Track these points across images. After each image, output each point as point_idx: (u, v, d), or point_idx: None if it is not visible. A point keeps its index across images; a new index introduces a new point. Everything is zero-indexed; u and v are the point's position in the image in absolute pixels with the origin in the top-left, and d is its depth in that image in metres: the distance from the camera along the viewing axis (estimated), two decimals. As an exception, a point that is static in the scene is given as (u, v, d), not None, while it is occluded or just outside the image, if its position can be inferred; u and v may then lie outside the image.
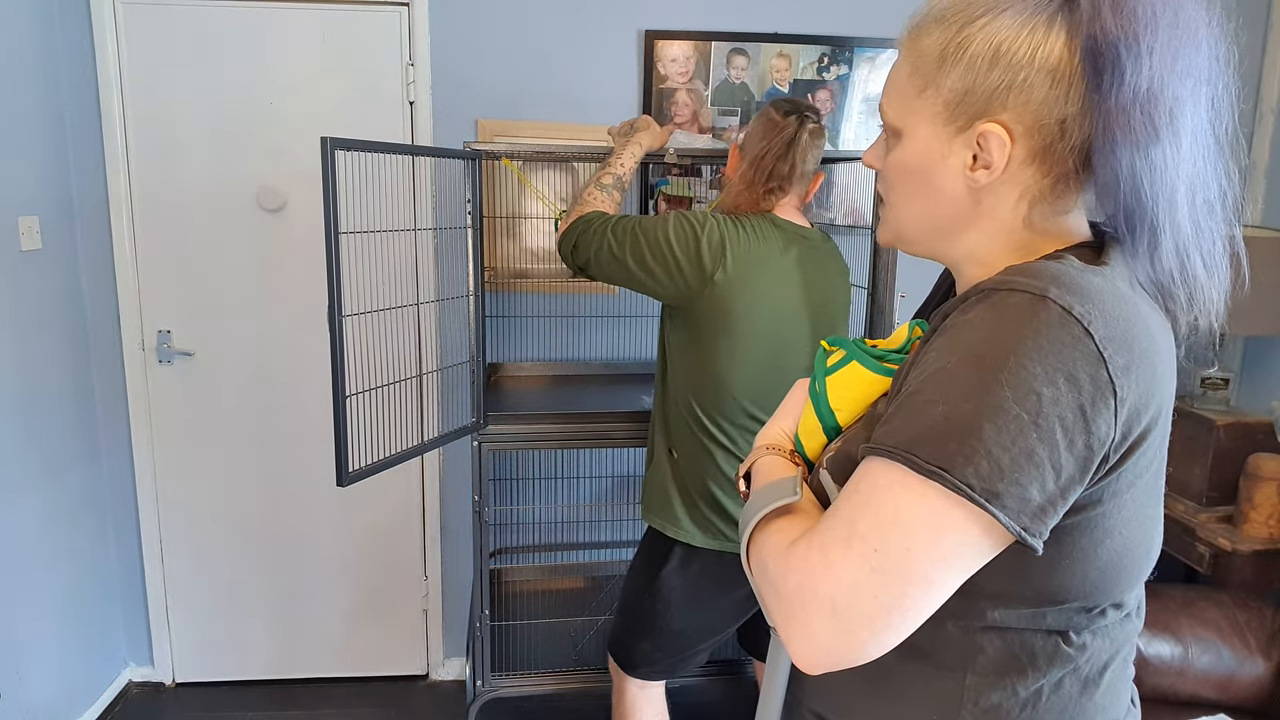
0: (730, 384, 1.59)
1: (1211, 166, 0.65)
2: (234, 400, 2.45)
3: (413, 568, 2.62)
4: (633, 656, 1.76)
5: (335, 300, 1.58)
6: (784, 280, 1.59)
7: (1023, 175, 0.67)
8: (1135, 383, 0.59)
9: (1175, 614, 1.95)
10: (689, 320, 1.61)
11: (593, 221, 1.64)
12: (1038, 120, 0.64)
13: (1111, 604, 0.69)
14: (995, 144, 0.65)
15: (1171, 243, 0.65)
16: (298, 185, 2.36)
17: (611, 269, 1.61)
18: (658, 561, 1.71)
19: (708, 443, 1.63)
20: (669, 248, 1.55)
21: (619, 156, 1.78)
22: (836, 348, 0.80)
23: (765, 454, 0.82)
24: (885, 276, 1.97)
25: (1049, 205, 0.68)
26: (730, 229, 1.57)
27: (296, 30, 2.28)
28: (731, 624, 1.75)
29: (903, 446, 0.60)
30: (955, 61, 0.66)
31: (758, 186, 1.63)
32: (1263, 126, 2.41)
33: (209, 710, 2.50)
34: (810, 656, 0.61)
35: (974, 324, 0.61)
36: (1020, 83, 0.63)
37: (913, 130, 0.70)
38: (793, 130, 1.61)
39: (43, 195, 2.16)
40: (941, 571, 0.59)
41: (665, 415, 1.71)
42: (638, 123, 1.85)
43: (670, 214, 1.60)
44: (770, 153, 1.62)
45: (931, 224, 0.72)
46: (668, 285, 1.57)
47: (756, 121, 1.67)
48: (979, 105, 0.65)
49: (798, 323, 1.62)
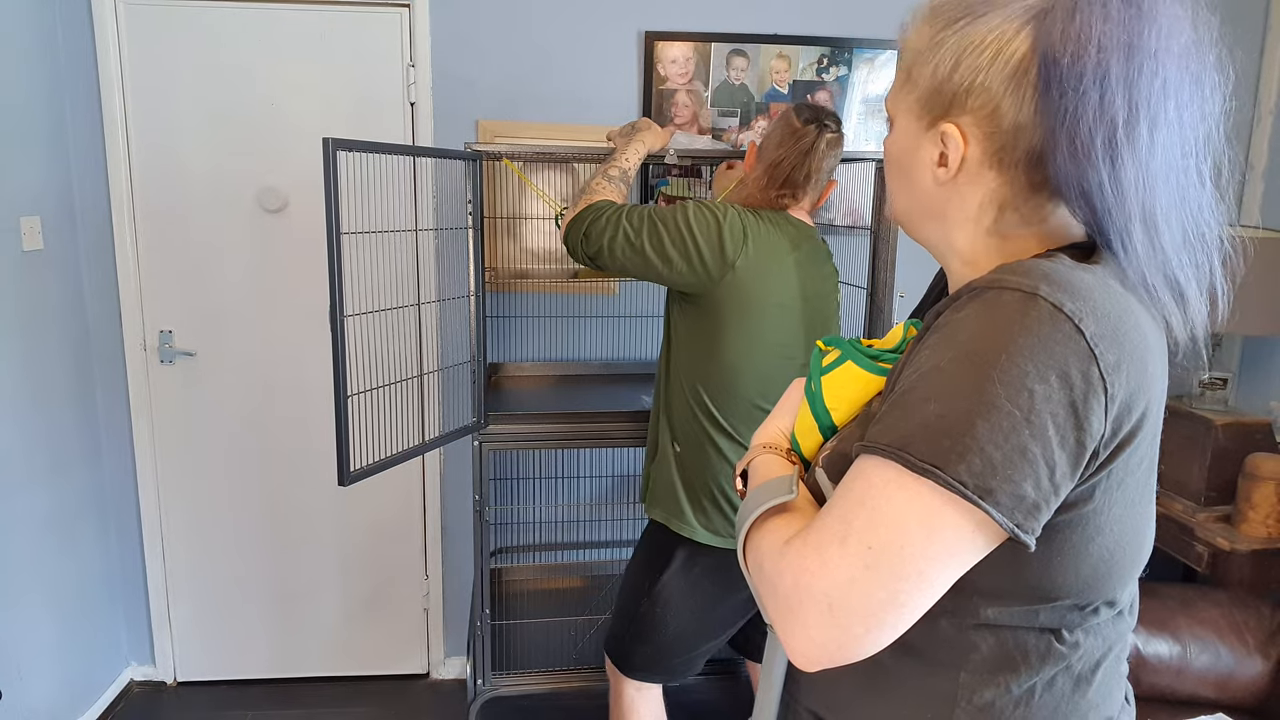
0: (741, 372, 1.60)
1: (1178, 192, 0.65)
2: (236, 400, 2.46)
3: (413, 567, 2.62)
4: (630, 658, 1.75)
5: (337, 300, 1.59)
6: (792, 275, 1.61)
7: (984, 179, 0.68)
8: (1126, 379, 0.60)
9: (1174, 613, 1.95)
10: (703, 308, 1.60)
11: (604, 210, 1.62)
12: (993, 124, 0.66)
13: (1104, 601, 0.69)
14: (951, 144, 0.67)
15: (1133, 257, 0.65)
16: (299, 186, 2.37)
17: (626, 257, 1.59)
18: (661, 560, 1.70)
19: (715, 434, 1.63)
20: (690, 234, 1.55)
21: (623, 153, 1.78)
22: (832, 347, 0.80)
23: (762, 452, 0.82)
24: (884, 276, 1.98)
25: (1017, 213, 0.69)
26: (750, 219, 1.58)
27: (297, 31, 2.29)
28: (731, 627, 1.74)
29: (896, 445, 0.60)
30: (930, 59, 0.68)
31: (771, 190, 1.65)
32: (1261, 127, 2.41)
33: (211, 709, 2.51)
34: (807, 653, 0.62)
35: (966, 322, 0.62)
36: (978, 85, 0.65)
37: (897, 120, 0.74)
38: (811, 139, 1.62)
39: (44, 196, 2.17)
40: (935, 568, 0.60)
41: (669, 407, 1.71)
42: (639, 124, 1.85)
43: (688, 203, 1.60)
44: (787, 160, 1.63)
45: (913, 212, 0.75)
46: (686, 273, 1.57)
47: (777, 125, 1.67)
48: (944, 104, 0.68)
49: (800, 318, 1.63)
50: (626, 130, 1.86)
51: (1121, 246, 0.65)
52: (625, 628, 1.75)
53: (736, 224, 1.56)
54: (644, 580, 1.72)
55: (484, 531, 2.03)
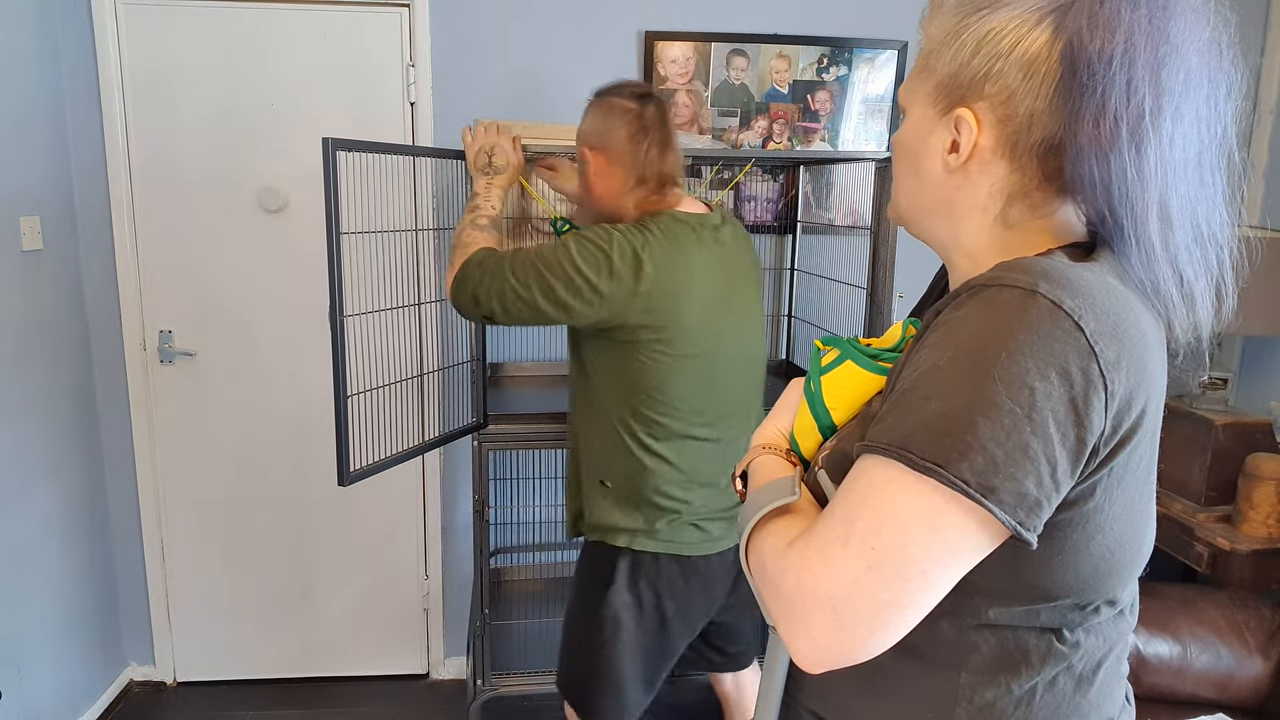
0: (671, 389, 1.51)
1: (1193, 187, 0.65)
2: (236, 400, 2.46)
3: (413, 567, 2.62)
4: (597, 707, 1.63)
5: (337, 300, 1.59)
6: (703, 275, 1.50)
7: (995, 168, 0.68)
8: (1126, 376, 0.60)
9: (1174, 613, 1.95)
10: (619, 338, 1.50)
11: (484, 263, 1.50)
12: (1008, 111, 0.66)
13: (1105, 600, 0.69)
14: (964, 129, 0.68)
15: (1144, 252, 0.65)
16: (299, 186, 2.37)
17: (522, 314, 1.48)
18: (603, 584, 1.60)
19: (649, 461, 1.54)
20: (580, 275, 1.44)
21: (485, 199, 1.67)
22: (831, 347, 0.80)
23: (762, 453, 0.82)
24: (884, 276, 1.98)
25: (1025, 204, 0.69)
26: (638, 237, 1.46)
27: (297, 31, 2.29)
28: (686, 639, 1.66)
29: (897, 443, 0.60)
30: (949, 46, 0.68)
31: (641, 190, 1.53)
32: (1262, 127, 2.41)
33: (211, 709, 2.50)
34: (811, 655, 0.62)
35: (966, 320, 0.62)
36: (996, 72, 0.65)
37: (911, 109, 0.74)
38: (654, 110, 1.51)
39: (44, 195, 2.17)
40: (939, 568, 0.60)
41: (589, 449, 1.61)
42: (496, 157, 1.71)
43: (569, 238, 1.48)
44: (654, 145, 1.51)
45: (920, 204, 0.75)
46: (589, 313, 1.46)
47: (608, 117, 1.53)
48: (961, 90, 0.68)
49: (726, 313, 1.54)
50: (484, 159, 1.72)
51: (1134, 239, 0.65)
52: (584, 673, 1.63)
53: (626, 248, 1.45)
54: (592, 605, 1.61)
55: (484, 531, 2.03)
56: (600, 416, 1.58)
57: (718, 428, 1.58)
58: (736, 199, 2.49)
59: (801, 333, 2.53)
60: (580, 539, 1.71)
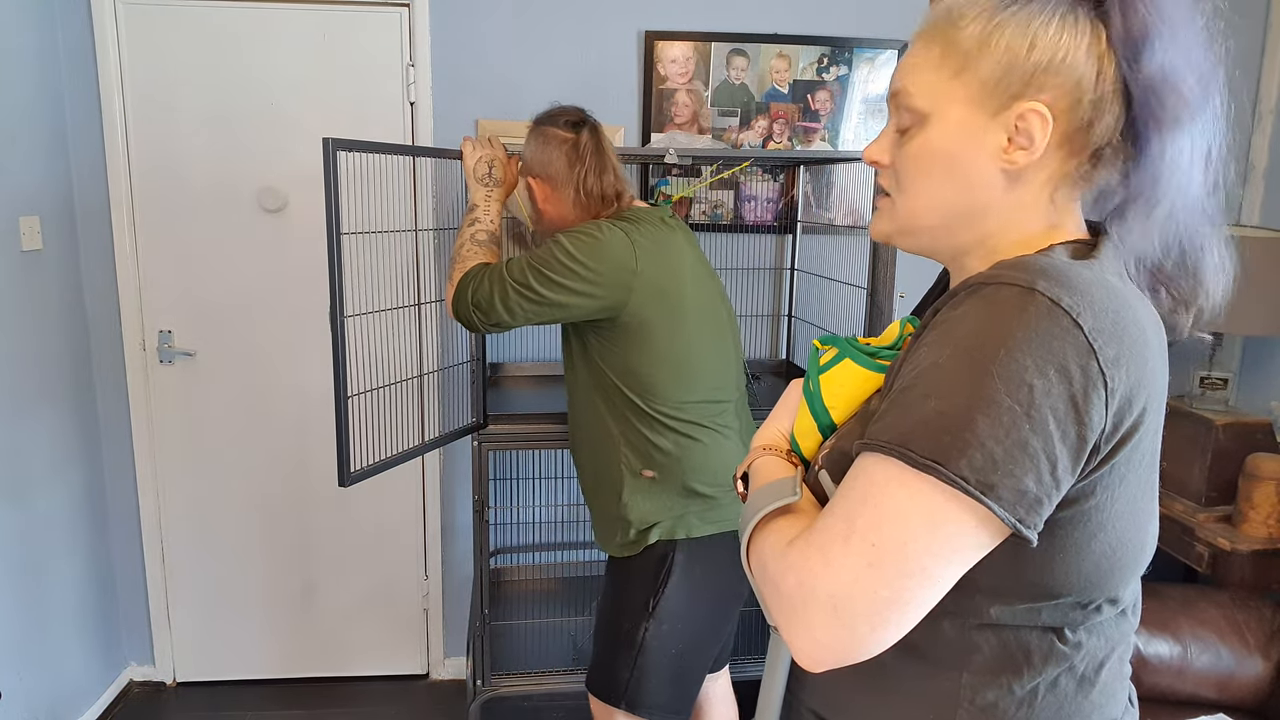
0: (694, 359, 1.57)
1: (1220, 157, 0.68)
2: (235, 400, 2.46)
3: (413, 567, 2.62)
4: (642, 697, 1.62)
5: (337, 300, 1.59)
6: (679, 256, 1.59)
7: (1052, 158, 0.68)
8: (1126, 374, 0.60)
9: (1174, 613, 1.95)
10: (627, 323, 1.54)
11: (480, 276, 1.56)
12: (1073, 100, 0.65)
13: (1107, 599, 0.69)
14: (1037, 123, 0.66)
15: (1174, 227, 0.67)
16: (298, 186, 2.37)
17: (530, 311, 1.53)
18: (658, 584, 1.59)
19: (694, 433, 1.58)
20: (579, 265, 1.50)
21: (485, 211, 1.70)
22: (829, 346, 0.80)
23: (763, 454, 0.82)
24: (884, 275, 1.98)
25: (1070, 189, 0.69)
26: (622, 224, 1.55)
27: (297, 30, 2.29)
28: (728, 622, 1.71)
29: (897, 441, 0.60)
30: (992, 43, 0.67)
31: (595, 205, 1.61)
32: (1261, 127, 2.41)
33: (210, 709, 2.50)
34: (812, 654, 0.62)
35: (964, 318, 0.62)
36: (1058, 63, 0.65)
37: (943, 113, 0.69)
38: (587, 138, 1.60)
39: (44, 195, 2.17)
40: (939, 565, 0.60)
41: (618, 444, 1.61)
42: (495, 169, 1.72)
43: (559, 235, 1.54)
44: (590, 171, 1.59)
45: (952, 211, 0.71)
46: (594, 300, 1.51)
47: (546, 148, 1.62)
48: (1017, 86, 0.66)
49: (707, 293, 1.63)
50: (484, 171, 1.73)
51: (1152, 217, 0.67)
52: (620, 661, 1.63)
53: (614, 233, 1.52)
54: (640, 604, 1.61)
55: (484, 531, 2.03)
56: (621, 411, 1.59)
57: (725, 389, 1.65)
58: (736, 199, 2.49)
59: (801, 333, 2.53)
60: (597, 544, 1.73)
